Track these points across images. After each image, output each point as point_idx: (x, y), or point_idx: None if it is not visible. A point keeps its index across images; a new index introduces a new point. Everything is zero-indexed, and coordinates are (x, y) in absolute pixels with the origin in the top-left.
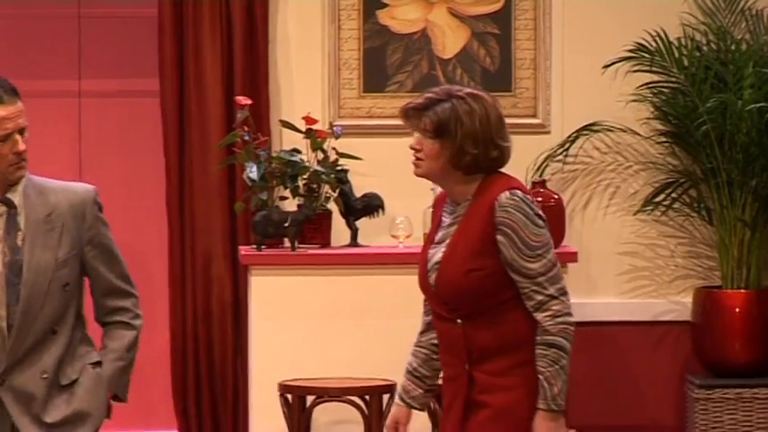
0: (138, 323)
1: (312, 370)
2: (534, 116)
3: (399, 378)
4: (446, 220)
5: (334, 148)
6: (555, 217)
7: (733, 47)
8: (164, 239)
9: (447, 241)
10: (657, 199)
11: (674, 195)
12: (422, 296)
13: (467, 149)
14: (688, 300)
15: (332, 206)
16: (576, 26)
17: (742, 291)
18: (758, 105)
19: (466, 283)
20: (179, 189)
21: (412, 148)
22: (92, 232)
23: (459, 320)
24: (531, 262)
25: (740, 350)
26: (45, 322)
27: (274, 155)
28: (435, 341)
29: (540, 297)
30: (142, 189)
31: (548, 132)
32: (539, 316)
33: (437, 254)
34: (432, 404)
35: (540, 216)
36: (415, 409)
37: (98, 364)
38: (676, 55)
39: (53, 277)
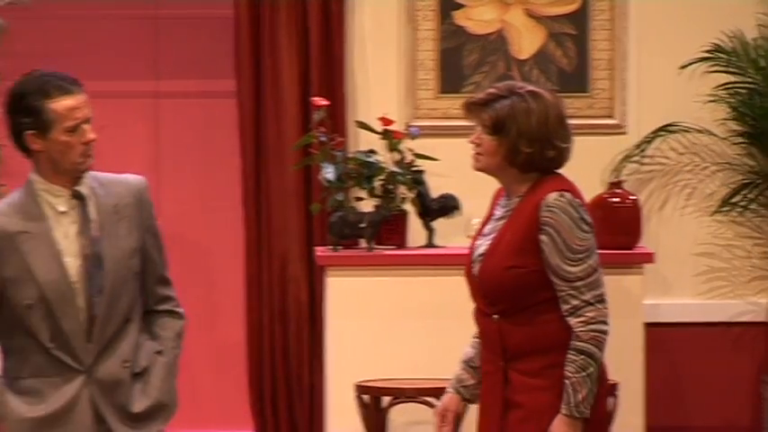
0: (182, 311)
1: (388, 370)
2: (611, 117)
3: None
4: (497, 213)
5: (410, 149)
6: (631, 218)
7: None
8: (240, 240)
9: (494, 234)
10: (734, 200)
11: (750, 196)
12: None
13: (521, 148)
14: (765, 301)
15: (408, 207)
16: (652, 27)
17: None
18: None
19: (505, 279)
20: (255, 190)
21: (471, 142)
22: (149, 221)
23: (495, 316)
24: (571, 265)
25: None
26: (123, 311)
27: (351, 156)
28: None
29: (575, 302)
30: (218, 190)
31: (624, 133)
32: (572, 321)
33: (483, 246)
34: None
35: (586, 221)
36: (466, 399)
37: (160, 352)
38: (753, 55)
39: (128, 266)
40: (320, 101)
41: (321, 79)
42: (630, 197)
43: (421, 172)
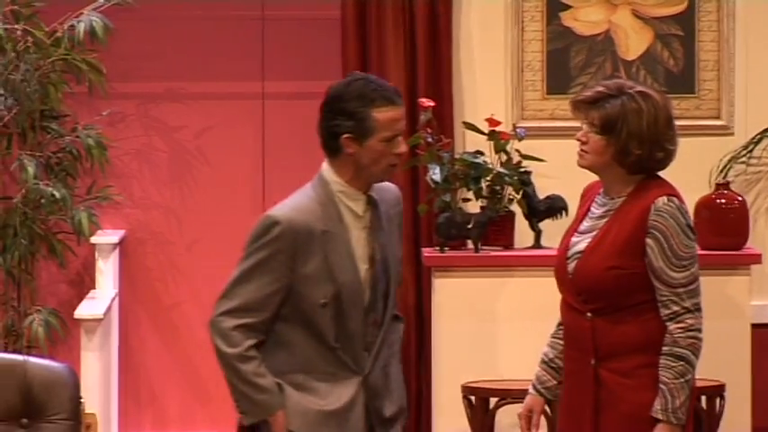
0: (401, 315)
1: (495, 371)
2: (718, 118)
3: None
4: (596, 211)
5: (517, 150)
6: (738, 219)
7: None
8: None
9: (594, 233)
10: None
11: None
12: None
13: (632, 149)
14: None
15: (515, 208)
16: (759, 27)
17: None
18: None
19: (605, 279)
20: None
21: (578, 139)
22: (401, 228)
23: (589, 314)
24: (675, 271)
25: None
26: (391, 320)
27: (457, 157)
28: None
29: (676, 308)
30: None
31: (731, 134)
32: (671, 326)
33: (580, 243)
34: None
35: (691, 228)
36: (548, 399)
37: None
38: None
39: (399, 272)
40: (427, 102)
41: (428, 80)
42: (738, 198)
43: (528, 173)
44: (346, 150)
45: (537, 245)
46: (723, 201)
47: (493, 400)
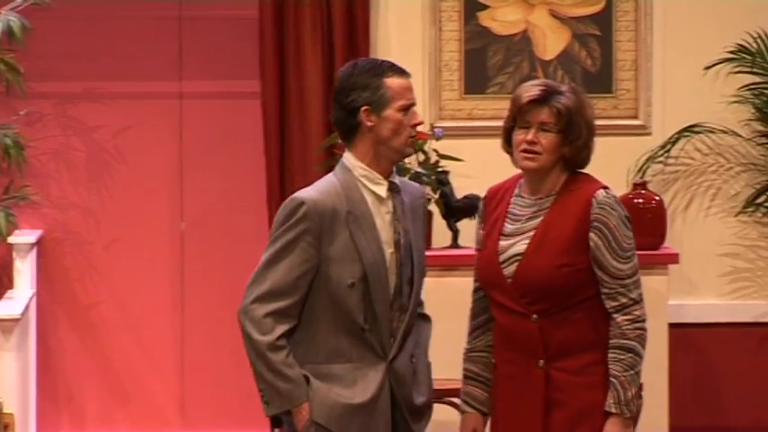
0: (429, 315)
1: None
2: (635, 117)
3: None
4: (520, 213)
5: (435, 150)
6: (656, 218)
7: None
8: (264, 240)
9: (529, 234)
10: (759, 200)
11: None
12: None
13: (588, 143)
14: None
15: (433, 208)
16: (676, 27)
17: None
18: None
19: (555, 278)
20: (279, 190)
21: (528, 141)
22: (421, 225)
23: (534, 315)
24: (621, 262)
25: None
26: (417, 307)
27: None
28: (490, 343)
29: (623, 299)
30: (242, 190)
31: (649, 134)
32: (619, 318)
33: (515, 246)
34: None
35: (629, 219)
36: (485, 414)
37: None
38: None
39: (422, 262)
40: None
41: None
42: (655, 198)
43: (445, 173)
44: (366, 124)
45: (455, 244)
46: (640, 200)
47: None
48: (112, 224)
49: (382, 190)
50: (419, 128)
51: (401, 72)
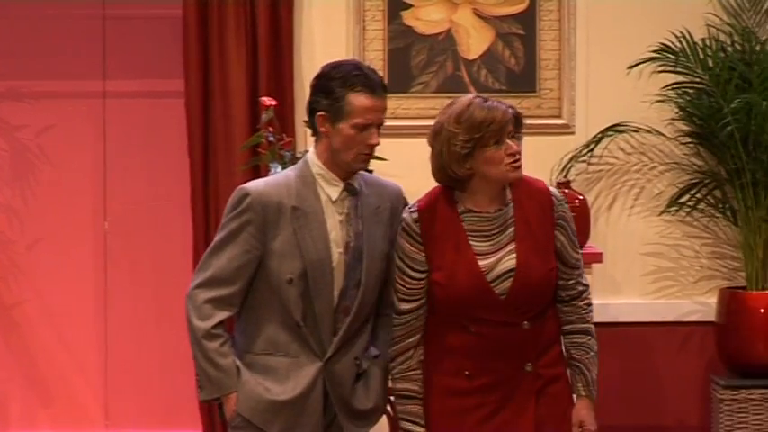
0: None
1: None
2: (559, 117)
3: None
4: (486, 228)
5: None
6: (579, 218)
7: (758, 47)
8: (188, 240)
9: (508, 248)
10: (682, 200)
11: (698, 196)
12: None
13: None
14: (712, 300)
15: None
16: (600, 27)
17: (766, 291)
18: None
19: (548, 282)
20: (203, 190)
21: (516, 153)
22: (395, 230)
23: (525, 323)
24: (576, 252)
25: (765, 351)
26: (367, 311)
27: (299, 155)
28: (422, 359)
29: (580, 287)
30: (166, 190)
31: (572, 133)
32: (578, 303)
33: (502, 263)
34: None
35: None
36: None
37: (377, 357)
38: (701, 56)
39: (380, 268)
40: (268, 101)
41: (269, 79)
42: (578, 197)
43: (369, 172)
44: (320, 129)
45: None
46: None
47: None
48: (36, 223)
49: (335, 192)
50: None
51: (372, 90)
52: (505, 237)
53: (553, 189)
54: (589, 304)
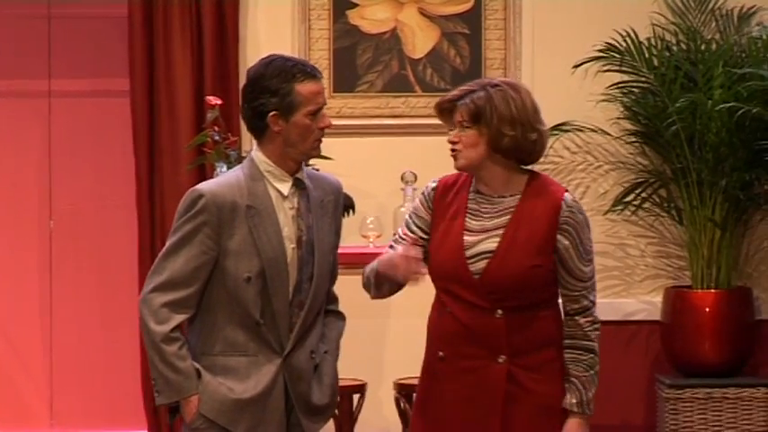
0: (343, 313)
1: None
2: None
3: (369, 377)
4: (484, 209)
5: None
6: None
7: (703, 47)
8: (134, 239)
9: (497, 232)
10: (627, 199)
11: (643, 195)
12: (394, 295)
13: (504, 132)
14: (658, 299)
15: None
16: (545, 26)
17: (712, 290)
18: (728, 105)
19: (528, 277)
20: (149, 189)
21: (450, 141)
22: (338, 223)
23: (499, 311)
24: (585, 265)
25: (710, 350)
26: (319, 304)
27: (245, 154)
28: None
29: (585, 302)
30: (112, 189)
31: None
32: (581, 320)
33: (484, 243)
34: (402, 403)
35: (588, 222)
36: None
37: (326, 353)
38: (646, 55)
39: (329, 260)
40: (214, 100)
41: (215, 78)
42: None
43: (316, 170)
44: (273, 128)
45: None
46: None
47: None
48: None
49: (285, 187)
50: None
51: (312, 75)
52: (500, 222)
53: (569, 196)
54: (595, 322)
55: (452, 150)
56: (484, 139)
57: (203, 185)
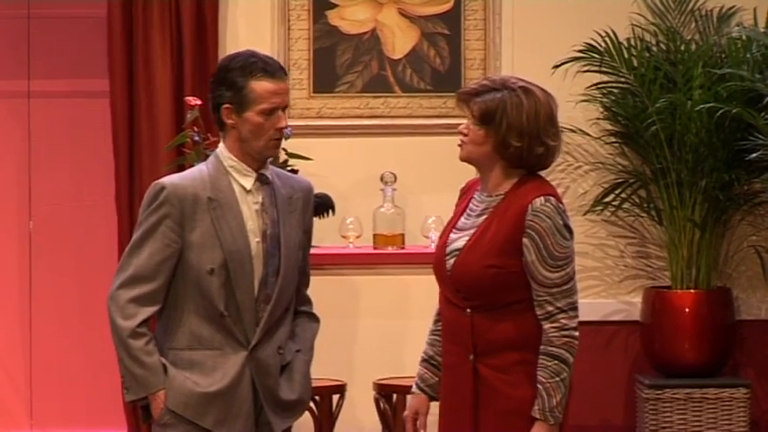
0: (317, 315)
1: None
2: None
3: (349, 378)
4: (475, 208)
5: (284, 149)
6: None
7: (682, 47)
8: (113, 240)
9: (472, 230)
10: (607, 199)
11: (623, 196)
12: (370, 296)
13: (511, 141)
14: (638, 300)
15: None
16: (525, 26)
17: (691, 291)
18: (707, 106)
19: (483, 277)
20: (128, 190)
21: (459, 132)
22: (308, 223)
23: (468, 309)
24: (550, 271)
25: (689, 350)
26: (287, 300)
27: None
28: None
29: (550, 308)
30: (92, 190)
31: None
32: (546, 326)
33: (459, 240)
34: (382, 404)
35: (568, 228)
36: (432, 398)
37: (299, 351)
38: (626, 55)
39: (296, 257)
40: (193, 100)
41: (194, 79)
42: None
43: (294, 171)
44: (227, 121)
45: None
46: None
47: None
48: None
49: (248, 182)
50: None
51: (272, 74)
52: (479, 220)
53: (539, 200)
54: (562, 329)
55: (460, 140)
56: (490, 141)
57: (166, 178)
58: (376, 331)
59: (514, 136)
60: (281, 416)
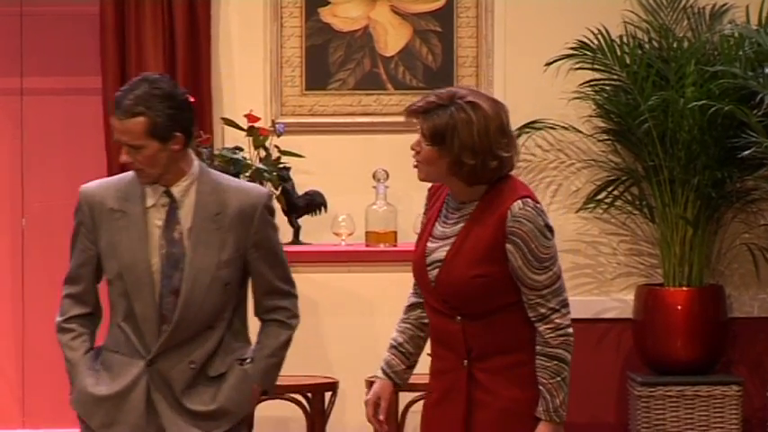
0: (294, 323)
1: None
2: None
3: (341, 375)
4: (450, 216)
5: (276, 146)
6: None
7: (675, 44)
8: None
9: (451, 240)
10: (599, 197)
11: (615, 193)
12: (363, 293)
13: (464, 160)
14: (630, 297)
15: (274, 204)
16: (517, 24)
17: (684, 288)
18: (700, 103)
19: (471, 287)
20: None
21: (412, 148)
22: (258, 236)
23: (458, 317)
24: (537, 274)
25: (682, 348)
26: (204, 318)
27: (216, 152)
28: (425, 320)
29: (542, 309)
30: None
31: None
32: (541, 327)
33: (439, 251)
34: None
35: (549, 227)
36: (397, 384)
37: (246, 360)
38: (618, 53)
39: (215, 276)
40: None
41: (187, 76)
42: None
43: (287, 169)
44: None
45: (296, 241)
46: None
47: None
48: None
49: (152, 198)
50: (259, 123)
51: (114, 111)
52: (456, 229)
53: (516, 204)
54: (557, 328)
55: (415, 159)
56: (444, 161)
57: (88, 184)
58: (368, 328)
59: (468, 154)
60: (192, 424)
